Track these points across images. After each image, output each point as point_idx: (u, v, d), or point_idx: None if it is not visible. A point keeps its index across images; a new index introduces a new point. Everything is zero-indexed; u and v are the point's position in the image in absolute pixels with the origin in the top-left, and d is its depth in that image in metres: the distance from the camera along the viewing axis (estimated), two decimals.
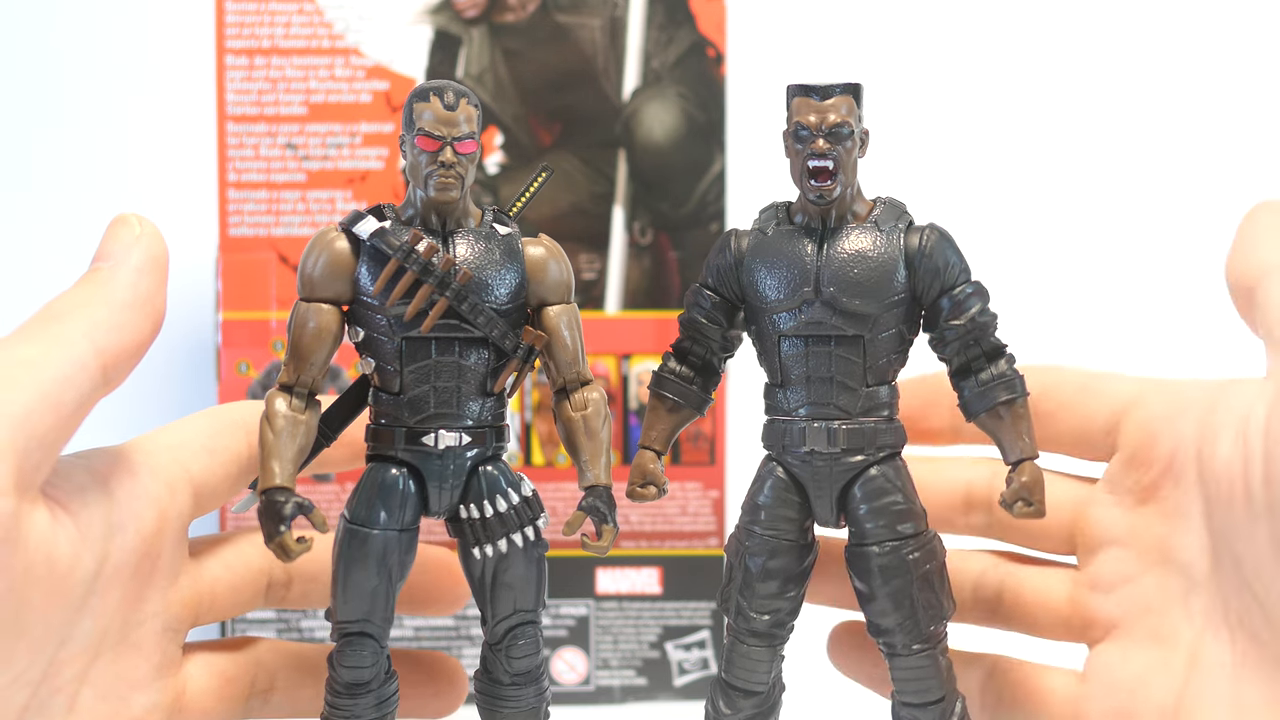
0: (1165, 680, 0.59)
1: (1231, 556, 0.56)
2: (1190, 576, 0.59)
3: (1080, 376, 0.65)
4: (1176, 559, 0.59)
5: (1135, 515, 0.62)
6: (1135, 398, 0.62)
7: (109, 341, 0.53)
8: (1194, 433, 0.58)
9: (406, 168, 0.60)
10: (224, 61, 0.91)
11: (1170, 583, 0.60)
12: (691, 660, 0.95)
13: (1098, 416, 0.63)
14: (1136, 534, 0.61)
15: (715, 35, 0.93)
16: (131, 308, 0.55)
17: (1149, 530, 0.61)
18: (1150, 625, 0.60)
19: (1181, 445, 0.59)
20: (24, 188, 1.08)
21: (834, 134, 0.58)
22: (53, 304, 0.53)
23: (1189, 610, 0.59)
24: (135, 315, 0.55)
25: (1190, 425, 0.58)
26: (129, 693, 0.54)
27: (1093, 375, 0.65)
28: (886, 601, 0.60)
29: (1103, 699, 0.61)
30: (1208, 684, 0.57)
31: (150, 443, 0.59)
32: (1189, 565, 0.59)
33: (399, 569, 0.59)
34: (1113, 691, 0.61)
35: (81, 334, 0.52)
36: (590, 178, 0.93)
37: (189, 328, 1.06)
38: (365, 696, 0.59)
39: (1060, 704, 0.63)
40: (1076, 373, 0.65)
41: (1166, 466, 0.60)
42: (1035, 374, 0.63)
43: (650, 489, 0.63)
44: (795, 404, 0.60)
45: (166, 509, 0.57)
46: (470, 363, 0.59)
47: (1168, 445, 0.59)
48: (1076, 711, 0.63)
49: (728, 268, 0.62)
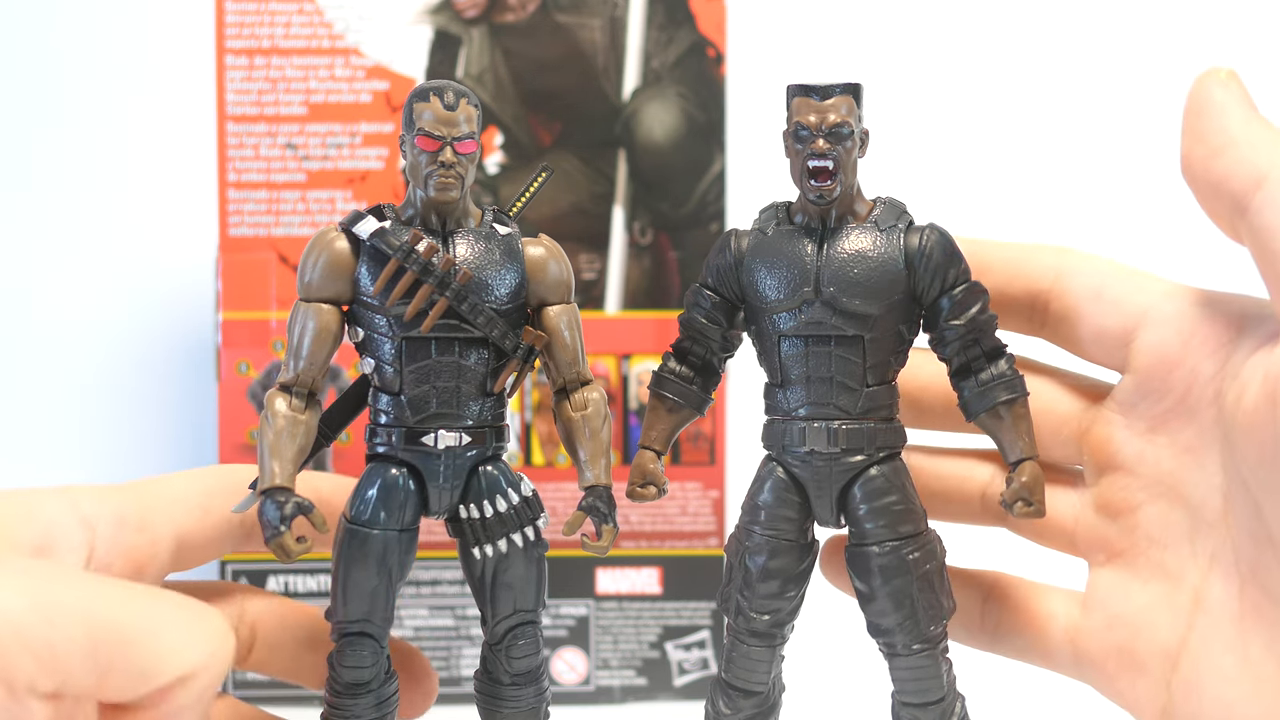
0: (1168, 620, 0.58)
1: (1251, 505, 0.54)
2: (1199, 516, 0.57)
3: (1095, 279, 0.61)
4: (1185, 496, 0.58)
5: (1144, 443, 0.59)
6: (1147, 313, 0.59)
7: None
8: (1213, 371, 0.56)
9: (406, 168, 0.60)
10: (224, 61, 0.91)
11: (1176, 518, 0.58)
12: (691, 660, 0.95)
13: (1110, 326, 0.60)
14: (1145, 463, 0.59)
15: (715, 35, 0.93)
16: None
17: (1158, 462, 0.59)
18: (1154, 558, 0.59)
19: (1198, 382, 0.56)
20: (24, 188, 1.08)
21: (834, 134, 0.58)
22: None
23: (1194, 550, 0.57)
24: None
25: (1208, 362, 0.56)
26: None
27: (1107, 278, 0.60)
28: (886, 601, 0.60)
29: (1104, 633, 0.61)
30: (1212, 630, 0.56)
31: (147, 493, 0.58)
32: (1199, 505, 0.57)
33: (399, 569, 0.59)
34: (1114, 626, 0.60)
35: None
36: (590, 178, 0.93)
37: (189, 328, 1.06)
38: (365, 696, 0.59)
39: (1060, 632, 0.62)
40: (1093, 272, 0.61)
41: (1180, 400, 0.57)
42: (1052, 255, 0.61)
43: (650, 489, 0.62)
44: (795, 404, 0.60)
45: (144, 565, 0.56)
46: (470, 363, 0.59)
47: (1183, 378, 0.57)
48: (1076, 643, 0.62)
49: (727, 268, 0.62)
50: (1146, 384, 0.59)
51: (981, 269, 0.62)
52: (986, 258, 0.63)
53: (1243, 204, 0.52)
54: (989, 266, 0.63)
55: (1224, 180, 0.53)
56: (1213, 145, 0.54)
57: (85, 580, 0.45)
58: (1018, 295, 0.63)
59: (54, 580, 0.43)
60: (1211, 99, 0.55)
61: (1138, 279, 0.60)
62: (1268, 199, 0.51)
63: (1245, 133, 0.53)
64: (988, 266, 0.63)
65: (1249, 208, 0.52)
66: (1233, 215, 0.53)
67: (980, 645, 0.66)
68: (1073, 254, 0.62)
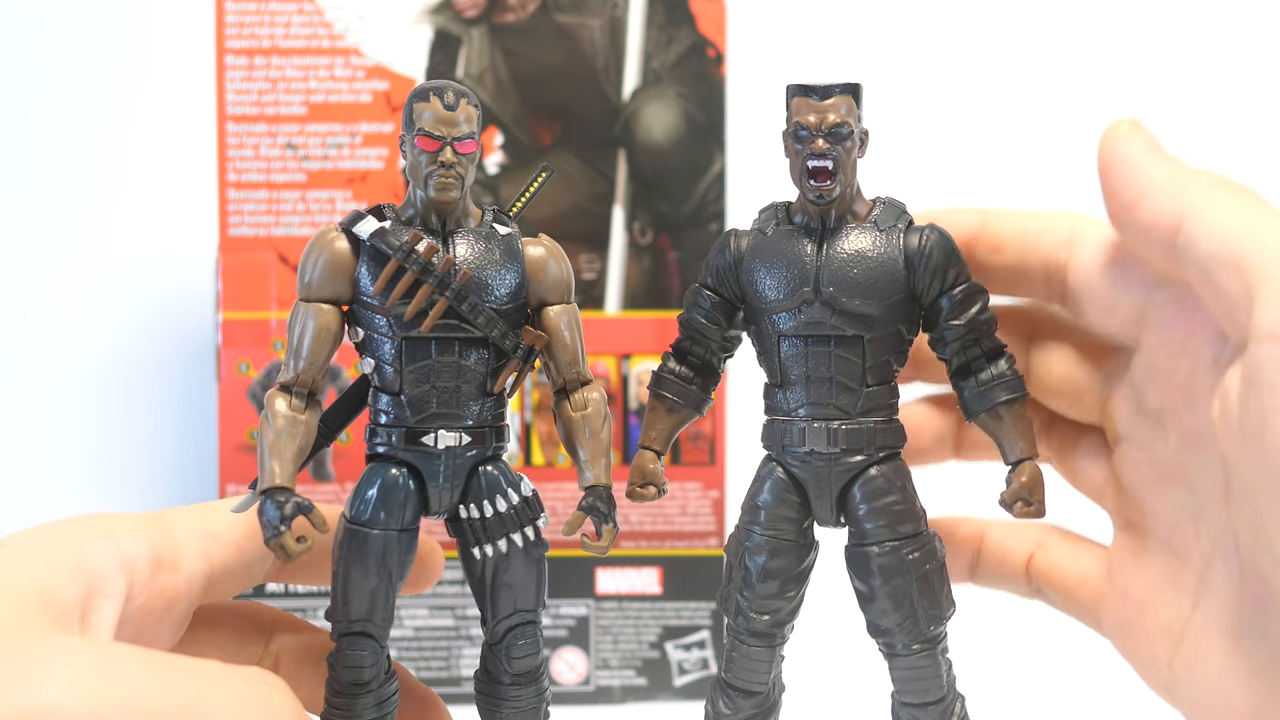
0: (1173, 598, 0.58)
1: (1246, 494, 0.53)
2: (1201, 498, 0.57)
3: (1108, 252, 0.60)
4: (1189, 479, 0.58)
5: (1154, 422, 0.59)
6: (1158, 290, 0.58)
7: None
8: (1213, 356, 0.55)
9: (406, 168, 0.60)
10: (224, 61, 0.91)
11: (1182, 498, 0.58)
12: (691, 660, 0.95)
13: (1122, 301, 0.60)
14: (1154, 442, 0.59)
15: (715, 35, 0.93)
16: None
17: (1166, 442, 0.59)
18: (1162, 536, 0.59)
19: (1200, 367, 0.56)
20: (24, 188, 1.08)
21: (834, 134, 0.58)
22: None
23: (1198, 532, 0.57)
24: None
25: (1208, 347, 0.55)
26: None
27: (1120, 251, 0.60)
28: (886, 601, 0.60)
29: (1117, 607, 0.61)
30: (1213, 613, 0.56)
31: (183, 528, 0.58)
32: (1201, 489, 0.57)
33: (399, 569, 0.59)
34: (1126, 598, 0.61)
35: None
36: (590, 178, 0.93)
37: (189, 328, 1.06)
38: (365, 696, 0.59)
39: (1089, 595, 0.63)
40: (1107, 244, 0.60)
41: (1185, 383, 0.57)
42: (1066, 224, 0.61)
43: (650, 489, 0.63)
44: (795, 404, 0.60)
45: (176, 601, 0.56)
46: (470, 363, 0.59)
47: (1187, 362, 0.57)
48: (1098, 608, 0.63)
49: (727, 268, 0.62)
50: (1154, 364, 0.58)
51: (995, 242, 0.62)
52: (999, 230, 0.63)
53: (1170, 247, 0.54)
54: (1002, 239, 0.63)
55: (1148, 229, 0.55)
56: (1128, 198, 0.55)
57: (131, 664, 0.45)
58: (1033, 268, 0.62)
59: (99, 668, 0.43)
60: (1119, 153, 0.56)
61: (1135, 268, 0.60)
62: (1190, 240, 0.52)
63: (1155, 179, 0.55)
64: (1001, 239, 0.63)
65: (1176, 249, 0.53)
66: (1165, 258, 0.54)
67: (1024, 595, 0.67)
68: (1085, 222, 0.62)
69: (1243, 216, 0.51)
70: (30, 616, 0.46)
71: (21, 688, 0.41)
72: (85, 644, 0.47)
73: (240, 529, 0.59)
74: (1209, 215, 0.52)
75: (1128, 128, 0.57)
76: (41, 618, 0.46)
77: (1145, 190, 0.55)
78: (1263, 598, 0.53)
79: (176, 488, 1.06)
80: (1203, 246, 0.52)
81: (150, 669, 0.44)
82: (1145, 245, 0.56)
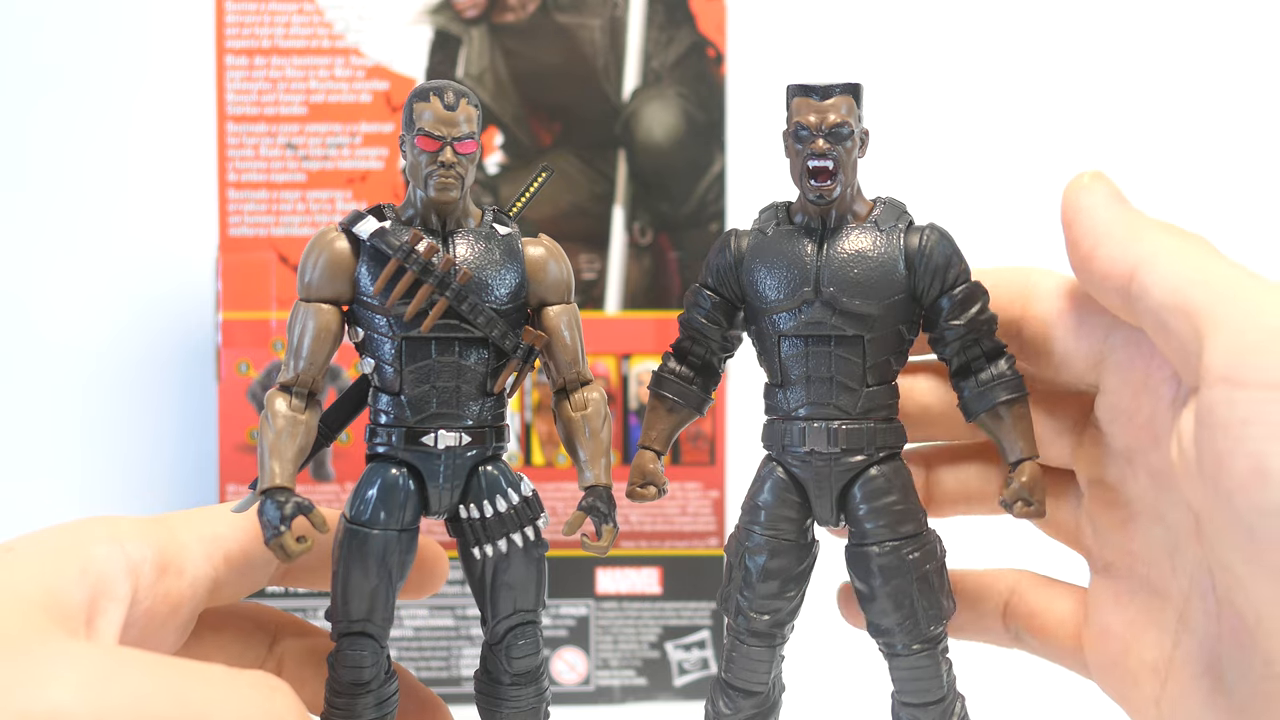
0: (1155, 637, 0.58)
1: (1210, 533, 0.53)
2: (1175, 535, 0.57)
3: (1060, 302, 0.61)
4: (1162, 516, 0.58)
5: (1122, 463, 0.60)
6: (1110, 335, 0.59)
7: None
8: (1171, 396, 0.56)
9: (406, 168, 0.60)
10: (224, 61, 0.91)
11: (1157, 536, 0.58)
12: (691, 660, 0.95)
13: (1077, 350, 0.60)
14: (1125, 482, 0.60)
15: (715, 35, 0.93)
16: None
17: (1136, 481, 0.59)
18: (1140, 574, 0.60)
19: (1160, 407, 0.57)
20: (24, 187, 1.08)
21: (834, 134, 0.58)
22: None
23: (1175, 567, 0.58)
24: None
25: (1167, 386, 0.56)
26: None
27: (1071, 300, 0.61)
28: (886, 601, 0.60)
29: (1100, 649, 0.61)
30: (1195, 651, 0.56)
31: (188, 533, 0.58)
32: (1174, 526, 0.57)
33: (399, 569, 0.59)
34: (1108, 638, 0.61)
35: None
36: (590, 178, 0.93)
37: (189, 327, 1.06)
38: (365, 696, 0.59)
39: (1066, 639, 0.63)
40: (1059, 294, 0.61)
41: (1148, 423, 0.57)
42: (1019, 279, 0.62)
43: (650, 489, 0.62)
44: (795, 404, 0.60)
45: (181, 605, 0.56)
46: (470, 363, 0.59)
47: (1148, 403, 0.57)
48: (1079, 654, 0.63)
49: (727, 268, 0.62)
50: (1116, 405, 0.59)
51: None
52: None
53: (1125, 293, 0.55)
54: None
55: (1104, 278, 0.56)
56: (1086, 248, 0.57)
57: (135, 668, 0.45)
58: None
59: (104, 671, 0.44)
60: (1079, 204, 0.58)
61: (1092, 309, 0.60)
62: (1143, 287, 0.54)
63: (1111, 230, 0.56)
64: None
65: (1130, 295, 0.54)
66: (1122, 305, 0.56)
67: (1003, 645, 0.67)
68: (1037, 275, 0.63)
69: (1192, 264, 0.53)
70: (35, 620, 0.46)
71: (26, 691, 0.42)
72: (90, 648, 0.47)
73: (244, 533, 0.59)
74: (1160, 263, 0.53)
75: (1090, 178, 0.59)
76: (47, 621, 0.46)
77: (1100, 240, 0.56)
78: (1241, 635, 0.53)
79: (177, 488, 1.06)
80: (1155, 294, 0.53)
81: (155, 673, 0.45)
82: (1102, 293, 0.57)
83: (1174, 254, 0.54)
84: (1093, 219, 0.57)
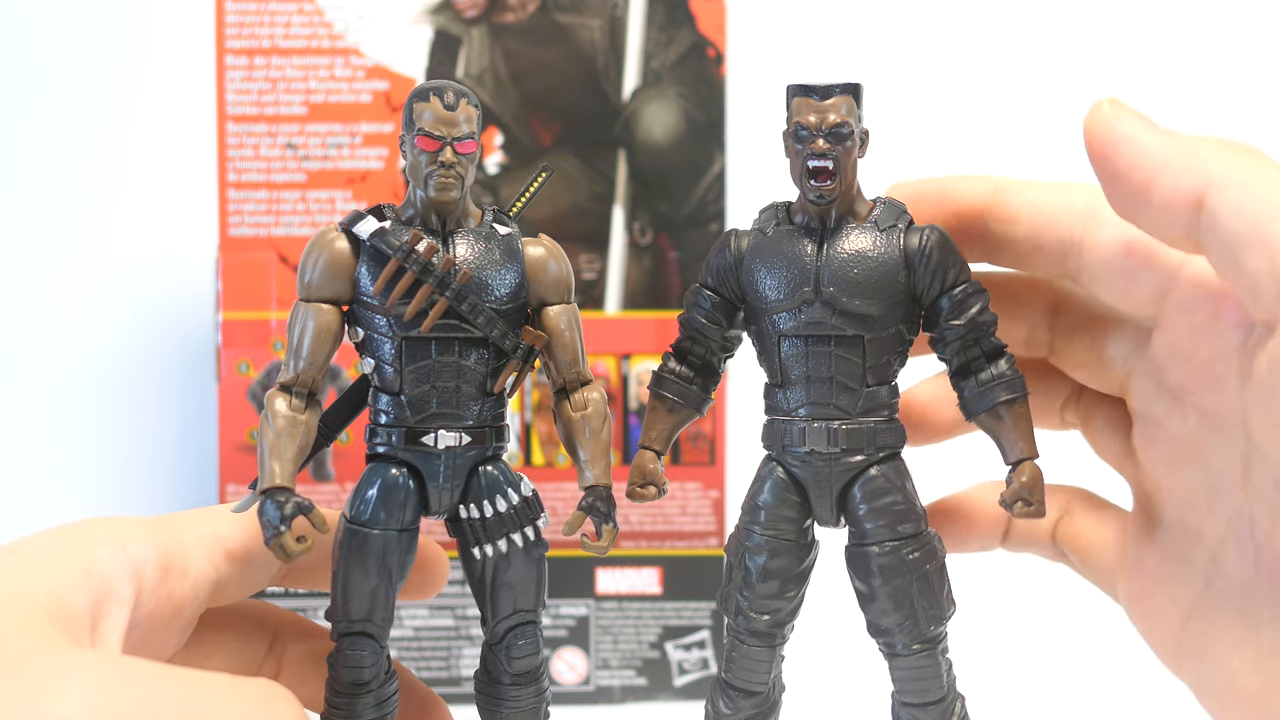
0: (1187, 575, 0.58)
1: (1270, 478, 0.52)
2: (1218, 479, 0.56)
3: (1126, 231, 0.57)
4: (1206, 459, 0.56)
5: (1171, 400, 0.58)
6: (1179, 271, 0.56)
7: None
8: (1239, 340, 0.53)
9: (406, 168, 0.60)
10: (224, 61, 0.91)
11: (1196, 477, 0.57)
12: (691, 660, 0.95)
13: (1141, 282, 0.57)
14: (1173, 419, 0.58)
15: (715, 35, 0.93)
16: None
17: (1185, 419, 0.57)
18: (1175, 513, 0.59)
19: (1224, 350, 0.54)
20: (24, 187, 1.08)
21: (834, 134, 0.58)
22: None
23: (1213, 510, 0.56)
24: None
25: (1234, 331, 0.53)
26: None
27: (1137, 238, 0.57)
28: (887, 601, 0.60)
29: (1131, 579, 0.61)
30: (1225, 594, 0.55)
31: (190, 533, 0.58)
32: (1219, 470, 0.56)
33: (399, 569, 0.59)
34: (1139, 574, 0.60)
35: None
36: (590, 178, 0.93)
37: (189, 327, 1.06)
38: (365, 696, 0.59)
39: (1105, 566, 0.63)
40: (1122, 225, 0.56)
41: (1207, 365, 0.55)
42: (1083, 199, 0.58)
43: (650, 489, 0.62)
44: (795, 404, 0.60)
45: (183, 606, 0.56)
46: (470, 363, 0.59)
47: (1210, 344, 0.54)
48: (1113, 581, 0.63)
49: (727, 268, 0.62)
50: (1175, 343, 0.57)
51: (1007, 213, 0.61)
52: (1012, 201, 0.60)
53: (1190, 225, 0.51)
54: (1016, 210, 0.60)
55: (1165, 209, 0.51)
56: (1141, 178, 0.52)
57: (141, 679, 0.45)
58: (1048, 243, 0.60)
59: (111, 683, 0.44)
60: (1117, 133, 0.53)
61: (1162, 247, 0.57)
62: (1212, 218, 0.49)
63: (1163, 154, 0.51)
64: (1014, 210, 0.60)
65: (1197, 226, 0.50)
66: (1185, 236, 0.52)
67: (1050, 559, 0.67)
68: (1099, 194, 0.57)
69: (1270, 188, 0.48)
70: (41, 627, 0.46)
71: (34, 703, 0.42)
72: (97, 658, 0.47)
73: (246, 534, 0.59)
74: (1232, 189, 0.49)
75: (1112, 106, 0.54)
76: (52, 628, 0.46)
77: (1156, 168, 0.51)
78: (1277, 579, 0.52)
79: (177, 488, 1.06)
80: (1227, 224, 0.49)
81: (160, 683, 0.45)
82: (1161, 228, 0.53)
83: (1246, 178, 0.49)
84: (1140, 146, 0.52)
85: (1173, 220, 0.51)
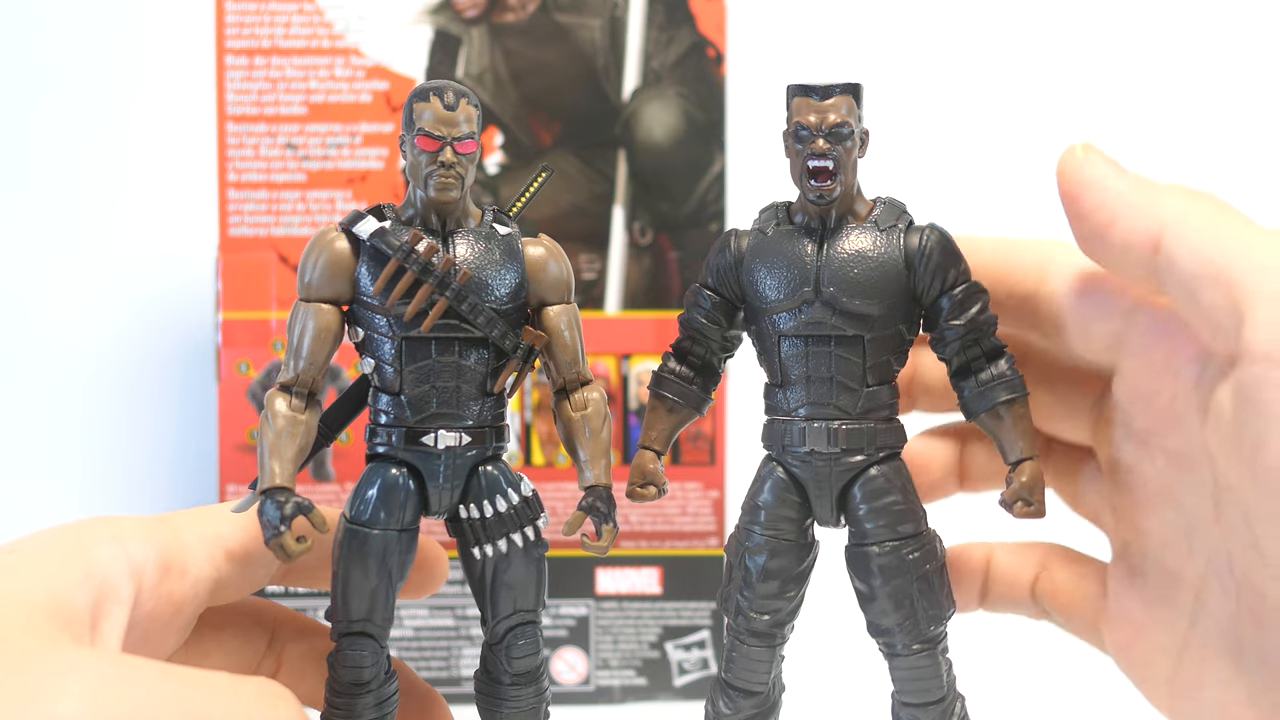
0: (1171, 618, 0.58)
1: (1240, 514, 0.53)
2: (1192, 518, 0.56)
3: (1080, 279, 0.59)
4: (1177, 499, 0.57)
5: (1139, 444, 0.59)
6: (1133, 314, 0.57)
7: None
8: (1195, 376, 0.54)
9: (406, 168, 0.60)
10: (224, 61, 0.91)
11: (1172, 518, 0.57)
12: (691, 660, 0.95)
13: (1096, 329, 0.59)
14: (1142, 464, 0.59)
15: (715, 35, 0.93)
16: None
17: (1152, 464, 0.58)
18: (1156, 556, 0.59)
19: (1183, 389, 0.55)
20: (24, 187, 1.08)
21: (834, 134, 0.58)
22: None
23: (1191, 550, 0.57)
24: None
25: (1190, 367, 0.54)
26: None
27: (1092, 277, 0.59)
28: (887, 601, 0.60)
29: (1116, 627, 0.61)
30: (1211, 633, 0.55)
31: (190, 533, 0.58)
32: (1192, 510, 0.56)
33: (399, 569, 0.59)
34: (1124, 621, 0.60)
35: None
36: (590, 178, 0.93)
37: (189, 327, 1.06)
38: (365, 696, 0.59)
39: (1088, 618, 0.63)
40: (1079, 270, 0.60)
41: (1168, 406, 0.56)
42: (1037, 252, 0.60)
43: (650, 489, 0.63)
44: (795, 404, 0.60)
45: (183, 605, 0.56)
46: (470, 363, 0.59)
47: (1169, 385, 0.55)
48: (1098, 632, 0.63)
49: (727, 268, 0.62)
50: (1136, 387, 0.58)
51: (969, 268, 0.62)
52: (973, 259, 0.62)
53: (1149, 265, 0.53)
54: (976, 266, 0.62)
55: (1125, 249, 0.54)
56: (1103, 219, 0.54)
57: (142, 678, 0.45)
58: (1003, 298, 0.62)
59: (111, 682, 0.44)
60: (1084, 176, 0.55)
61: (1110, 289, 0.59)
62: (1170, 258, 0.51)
63: (1127, 198, 0.54)
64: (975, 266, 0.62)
65: (1155, 266, 0.52)
66: (1145, 277, 0.54)
67: (1032, 617, 0.67)
68: (1056, 249, 0.61)
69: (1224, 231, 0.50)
70: (41, 626, 0.46)
71: (35, 703, 0.42)
72: (97, 657, 0.47)
73: (246, 533, 0.59)
74: (1189, 231, 0.51)
75: (1084, 150, 0.56)
76: (52, 628, 0.46)
77: (1118, 210, 0.54)
78: (1260, 616, 0.53)
79: (177, 488, 1.06)
80: (1184, 264, 0.51)
81: (160, 682, 0.45)
82: (1121, 267, 0.55)
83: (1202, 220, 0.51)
84: (1104, 189, 0.54)
85: (1133, 261, 0.53)
